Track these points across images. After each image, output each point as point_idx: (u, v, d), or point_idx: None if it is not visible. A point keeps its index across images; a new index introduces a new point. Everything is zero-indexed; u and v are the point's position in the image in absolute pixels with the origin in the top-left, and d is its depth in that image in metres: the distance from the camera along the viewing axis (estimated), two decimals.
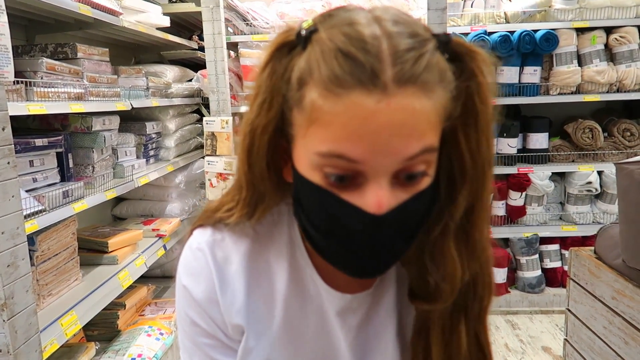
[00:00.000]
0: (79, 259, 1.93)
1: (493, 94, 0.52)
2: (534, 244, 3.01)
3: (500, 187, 3.01)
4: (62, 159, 1.87)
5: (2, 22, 1.28)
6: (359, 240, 0.51)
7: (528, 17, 2.93)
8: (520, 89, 2.93)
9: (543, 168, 2.98)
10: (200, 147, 3.27)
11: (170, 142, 2.89)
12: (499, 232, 3.04)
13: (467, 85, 0.51)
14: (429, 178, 0.52)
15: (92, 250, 2.15)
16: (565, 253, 3.04)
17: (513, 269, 3.11)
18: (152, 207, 2.82)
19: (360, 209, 0.49)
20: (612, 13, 2.87)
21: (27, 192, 1.62)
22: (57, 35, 2.28)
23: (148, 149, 2.68)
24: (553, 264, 3.08)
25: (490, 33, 2.89)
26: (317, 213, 0.53)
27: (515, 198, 3.06)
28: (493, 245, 0.62)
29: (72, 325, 1.64)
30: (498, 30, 2.87)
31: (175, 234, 2.67)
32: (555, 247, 3.08)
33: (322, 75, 0.47)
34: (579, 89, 2.94)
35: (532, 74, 2.91)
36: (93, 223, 2.51)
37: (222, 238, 0.63)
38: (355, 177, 0.49)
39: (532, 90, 2.92)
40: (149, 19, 2.59)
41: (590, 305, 1.68)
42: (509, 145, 3.00)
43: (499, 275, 2.98)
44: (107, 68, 2.20)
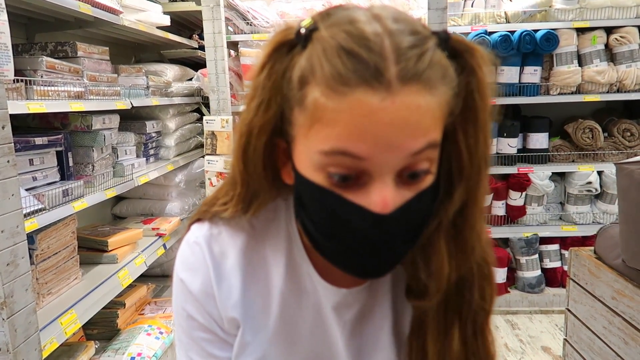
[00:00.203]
0: (79, 258, 1.93)
1: (492, 91, 0.52)
2: (534, 244, 3.01)
3: (500, 187, 3.01)
4: (62, 158, 1.87)
5: (2, 20, 1.27)
6: (364, 241, 0.51)
7: (528, 17, 2.93)
8: (521, 89, 2.93)
9: (543, 168, 2.98)
10: (200, 146, 3.26)
11: (170, 141, 2.89)
12: (499, 232, 3.04)
13: (467, 82, 0.51)
14: (432, 176, 0.51)
15: (91, 249, 2.15)
16: (565, 253, 3.04)
17: (513, 269, 3.11)
18: (152, 206, 2.82)
19: (366, 209, 0.49)
20: (612, 13, 2.87)
21: (27, 190, 1.62)
22: (57, 34, 2.28)
23: (148, 148, 2.68)
24: (553, 264, 3.08)
25: (491, 33, 2.88)
26: (320, 214, 0.52)
27: (515, 198, 3.06)
28: (492, 246, 0.61)
29: (71, 324, 1.64)
30: (498, 30, 2.87)
31: (175, 233, 2.67)
32: (555, 247, 3.08)
33: (324, 74, 0.46)
34: (579, 89, 2.94)
35: (532, 74, 2.90)
36: (93, 222, 2.51)
37: (219, 232, 0.63)
38: (360, 176, 0.49)
39: (532, 90, 2.92)
40: (149, 18, 2.59)
41: (590, 305, 1.68)
42: (509, 145, 3.00)
43: (499, 275, 2.98)
44: (107, 67, 2.20)
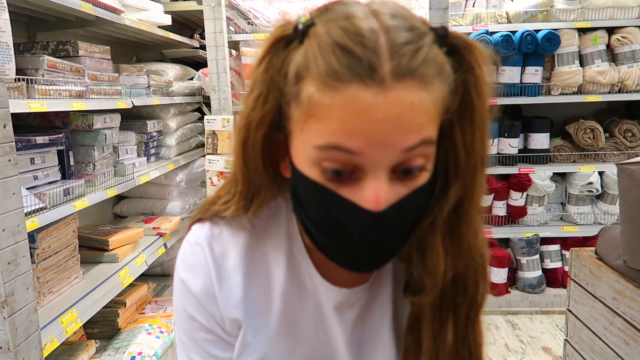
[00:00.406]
0: (80, 257, 1.93)
1: (490, 88, 0.52)
2: (535, 244, 3.01)
3: (501, 187, 3.01)
4: (63, 157, 1.87)
5: (3, 19, 1.27)
6: (357, 237, 0.51)
7: (530, 17, 2.92)
8: (522, 89, 2.92)
9: (544, 168, 2.98)
10: (201, 145, 3.27)
11: (171, 140, 2.89)
12: (500, 232, 3.03)
13: (464, 79, 0.50)
14: (428, 173, 0.51)
15: (92, 248, 2.15)
16: (566, 253, 3.03)
17: (513, 269, 3.11)
18: (152, 205, 2.83)
19: (358, 206, 0.49)
20: (614, 13, 2.87)
21: (28, 189, 1.62)
22: (58, 33, 2.28)
23: (149, 147, 2.68)
24: (554, 265, 3.07)
25: (492, 33, 2.88)
26: (314, 209, 0.53)
27: (516, 198, 3.05)
28: (492, 245, 0.61)
29: (72, 323, 1.64)
30: (500, 30, 2.86)
31: (176, 233, 2.67)
32: (556, 247, 3.07)
33: (319, 70, 0.46)
34: (581, 90, 2.94)
35: (533, 74, 2.90)
36: (94, 221, 2.52)
37: (220, 232, 0.62)
38: (354, 171, 0.49)
39: (533, 90, 2.92)
40: (151, 17, 2.59)
41: (591, 306, 1.67)
42: (510, 145, 2.99)
43: (500, 276, 2.97)
44: (108, 66, 2.20)
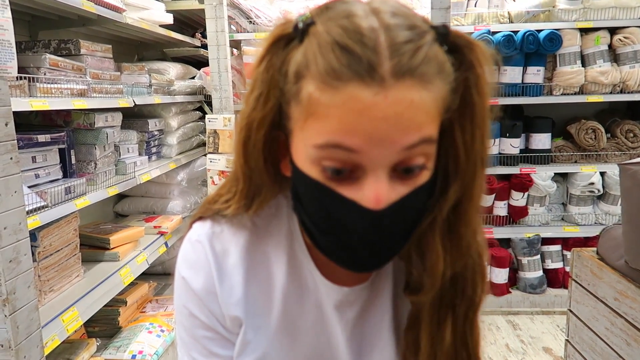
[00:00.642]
0: (81, 256, 1.93)
1: (491, 87, 0.52)
2: (536, 245, 3.00)
3: (503, 187, 3.01)
4: (64, 155, 1.87)
5: (5, 17, 1.27)
6: (357, 236, 0.51)
7: (532, 17, 2.92)
8: (524, 89, 2.92)
9: (545, 168, 2.97)
10: (203, 144, 3.27)
11: (173, 139, 2.89)
12: (501, 232, 3.03)
13: (465, 77, 0.50)
14: (428, 172, 0.51)
15: (93, 247, 2.15)
16: (567, 254, 3.03)
17: (514, 270, 3.11)
18: (154, 204, 2.83)
19: (358, 205, 0.49)
20: (616, 14, 2.86)
21: (29, 188, 1.62)
22: (60, 32, 2.28)
23: (150, 146, 2.69)
24: (555, 265, 3.07)
25: (494, 33, 2.87)
26: (314, 208, 0.53)
27: (518, 198, 3.05)
28: (493, 245, 0.61)
29: (73, 322, 1.64)
30: (501, 30, 2.86)
31: (177, 231, 2.67)
32: (557, 247, 3.07)
33: (319, 68, 0.46)
34: (582, 90, 2.93)
35: (535, 74, 2.90)
36: (95, 219, 2.52)
37: (221, 230, 0.62)
38: (354, 170, 0.49)
39: (535, 91, 2.91)
40: (152, 16, 2.59)
41: (592, 306, 1.67)
42: (512, 146, 2.99)
43: (501, 276, 2.97)
44: (110, 65, 2.20)
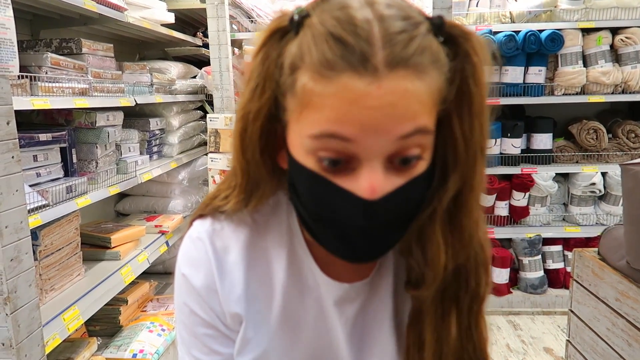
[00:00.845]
0: (82, 254, 1.93)
1: (488, 76, 0.52)
2: (537, 245, 3.00)
3: (504, 187, 3.00)
4: (65, 154, 1.88)
5: (7, 16, 1.27)
6: (352, 226, 0.51)
7: (533, 17, 2.92)
8: (525, 89, 2.92)
9: (547, 169, 2.97)
10: (204, 144, 3.27)
11: (174, 138, 2.89)
12: (502, 232, 3.03)
13: (461, 68, 0.50)
14: (425, 162, 0.51)
15: (94, 246, 2.15)
16: (568, 254, 3.03)
17: (515, 270, 3.10)
18: (155, 203, 2.83)
19: (353, 195, 0.49)
20: (618, 14, 2.86)
21: (30, 186, 1.62)
22: (61, 31, 2.28)
23: (151, 145, 2.69)
24: (556, 265, 3.07)
25: (496, 32, 2.87)
26: (310, 198, 0.53)
27: (519, 198, 3.05)
28: (494, 245, 0.60)
29: (74, 320, 1.65)
30: (503, 30, 2.86)
31: (178, 231, 2.67)
32: (558, 248, 3.07)
33: (313, 59, 0.47)
34: (584, 90, 2.93)
35: (536, 74, 2.89)
36: (96, 218, 2.52)
37: (221, 227, 0.63)
38: (349, 161, 0.49)
39: (536, 91, 2.91)
40: (154, 15, 2.59)
41: (594, 307, 1.67)
42: (513, 146, 2.99)
43: (502, 276, 2.97)
44: (111, 64, 2.20)
